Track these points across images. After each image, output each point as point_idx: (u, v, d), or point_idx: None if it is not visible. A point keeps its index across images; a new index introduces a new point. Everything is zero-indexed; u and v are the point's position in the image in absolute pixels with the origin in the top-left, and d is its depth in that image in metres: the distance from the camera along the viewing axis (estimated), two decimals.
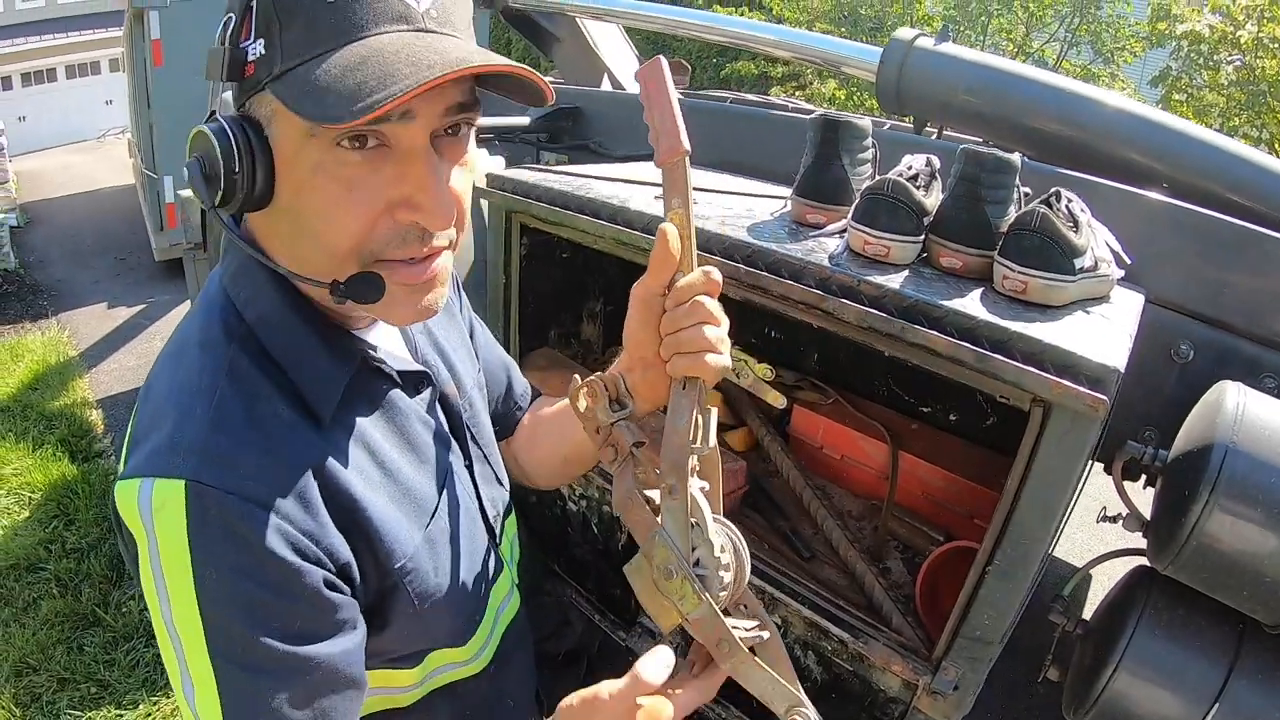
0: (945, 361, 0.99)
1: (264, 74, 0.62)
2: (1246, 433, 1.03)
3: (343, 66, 0.59)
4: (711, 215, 1.31)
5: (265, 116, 0.65)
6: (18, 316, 5.53)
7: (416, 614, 0.78)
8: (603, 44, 3.01)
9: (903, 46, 1.90)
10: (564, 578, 1.65)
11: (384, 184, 0.64)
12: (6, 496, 3.22)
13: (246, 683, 0.64)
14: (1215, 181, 1.58)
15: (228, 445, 0.64)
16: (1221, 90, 8.28)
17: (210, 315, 0.72)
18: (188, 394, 0.67)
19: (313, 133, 0.62)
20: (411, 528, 0.77)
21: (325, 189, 0.63)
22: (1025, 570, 0.99)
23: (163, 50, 5.00)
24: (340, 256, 0.66)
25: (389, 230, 0.66)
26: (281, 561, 0.63)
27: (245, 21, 0.63)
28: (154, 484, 0.63)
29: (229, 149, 0.63)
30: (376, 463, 0.76)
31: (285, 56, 0.61)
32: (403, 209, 0.65)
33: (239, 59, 0.63)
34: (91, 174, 10.69)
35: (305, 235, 0.66)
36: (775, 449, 1.61)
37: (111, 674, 2.37)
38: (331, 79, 0.58)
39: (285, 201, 0.66)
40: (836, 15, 10.32)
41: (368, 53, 0.59)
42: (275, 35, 0.61)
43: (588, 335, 1.96)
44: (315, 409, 0.71)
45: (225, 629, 0.63)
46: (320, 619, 0.67)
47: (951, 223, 1.12)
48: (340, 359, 0.74)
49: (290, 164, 0.64)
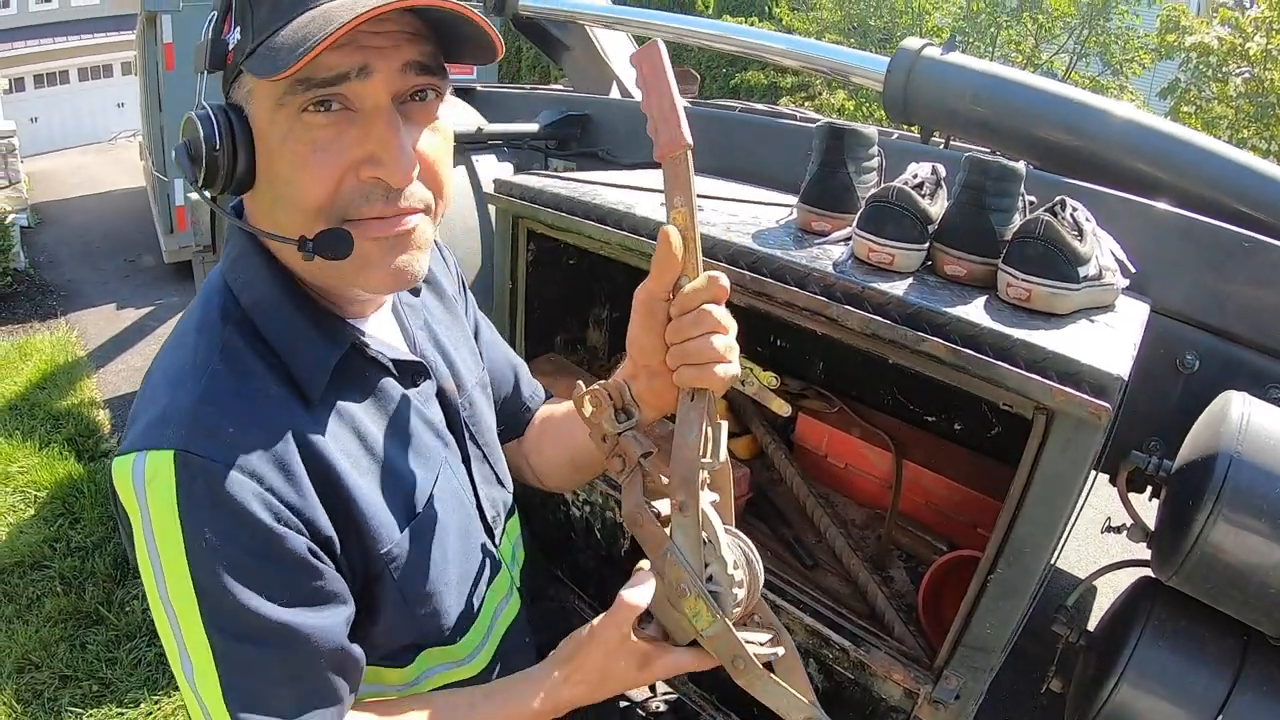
0: (948, 369, 0.99)
1: (240, 57, 0.67)
2: (1251, 443, 1.03)
3: (295, 26, 0.63)
4: (717, 222, 1.32)
5: (244, 98, 0.69)
6: (27, 316, 5.56)
7: (405, 606, 0.79)
8: (612, 53, 3.00)
9: (910, 56, 1.90)
10: (567, 583, 1.65)
11: (348, 144, 0.67)
12: (12, 494, 3.23)
13: (242, 653, 0.65)
14: (1221, 191, 1.58)
15: (215, 416, 0.66)
16: (1230, 102, 8.27)
17: (209, 301, 0.75)
18: (182, 372, 0.70)
19: (280, 102, 0.66)
20: (398, 515, 0.78)
21: (294, 152, 0.67)
22: (1027, 580, 0.99)
23: (175, 54, 5.03)
24: (310, 214, 0.68)
25: (354, 188, 0.69)
26: (264, 526, 0.65)
27: (226, 16, 0.68)
28: (146, 456, 0.65)
29: (210, 131, 0.67)
30: (365, 447, 0.77)
31: (255, 35, 0.65)
32: (366, 166, 0.68)
33: (220, 50, 0.69)
34: (102, 176, 10.75)
35: (280, 201, 0.70)
36: (779, 457, 1.61)
37: (113, 672, 2.37)
38: (283, 40, 0.62)
39: (263, 174, 0.69)
40: (846, 26, 10.34)
41: (318, 13, 0.63)
42: (248, 20, 0.66)
43: (594, 341, 1.96)
44: (304, 389, 0.73)
45: (217, 597, 0.64)
46: (309, 588, 0.68)
47: (956, 230, 1.12)
48: (330, 341, 0.76)
49: (264, 137, 0.68)
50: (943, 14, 10.33)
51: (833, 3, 10.45)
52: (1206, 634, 1.14)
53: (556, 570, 1.67)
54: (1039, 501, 0.95)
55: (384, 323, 0.86)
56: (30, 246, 7.02)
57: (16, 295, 5.87)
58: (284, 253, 0.74)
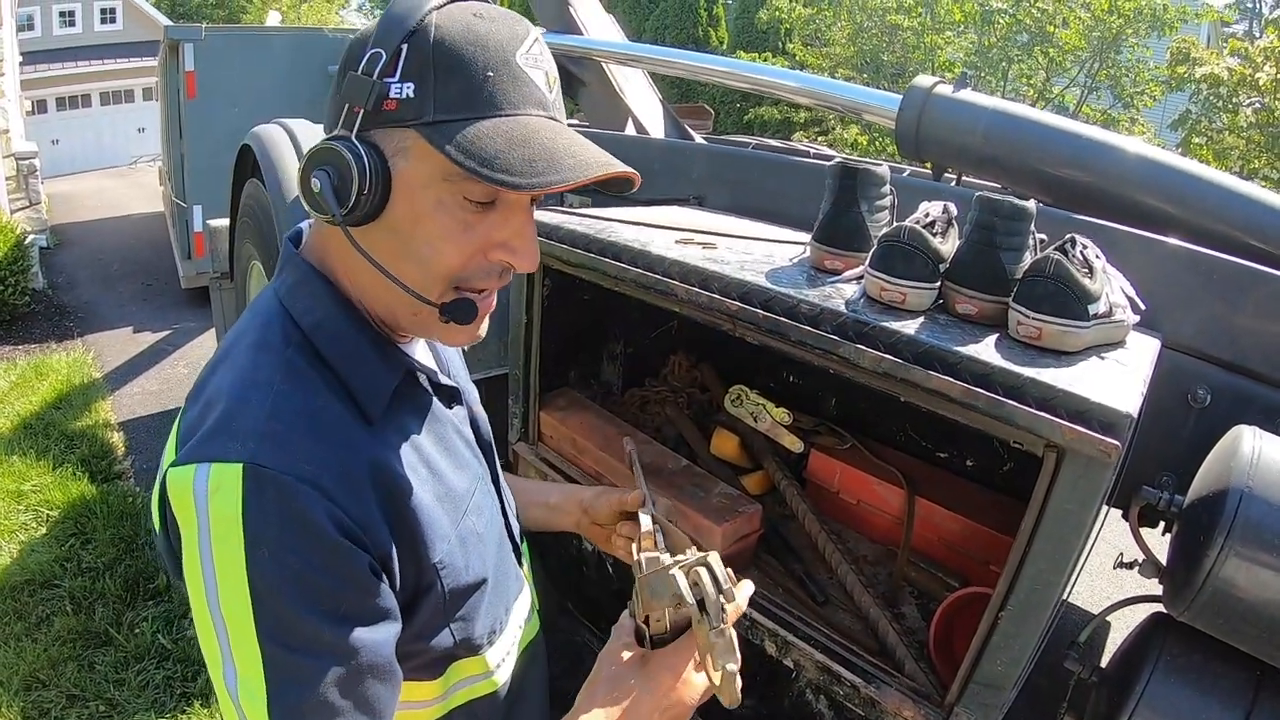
0: (959, 407, 1.00)
1: (409, 114, 0.68)
2: (1262, 477, 1.03)
3: (506, 138, 0.67)
4: (731, 260, 1.33)
5: (394, 148, 0.71)
6: (44, 336, 5.63)
7: (447, 615, 0.82)
8: (628, 89, 3.04)
9: (922, 94, 1.93)
10: (577, 617, 1.65)
11: (490, 228, 0.73)
12: (25, 513, 3.25)
13: (293, 665, 0.66)
14: (1230, 225, 1.59)
15: (284, 431, 0.68)
16: (1241, 133, 8.28)
17: (268, 323, 0.77)
18: (245, 387, 0.72)
19: (448, 178, 0.70)
20: (449, 523, 0.81)
21: (444, 224, 0.72)
22: (1039, 616, 0.99)
23: (196, 82, 5.12)
24: (439, 279, 0.74)
25: (480, 266, 0.75)
26: (334, 542, 0.67)
27: (394, 61, 0.69)
28: (210, 468, 0.66)
29: (364, 169, 0.69)
30: (422, 460, 0.81)
31: (439, 109, 0.68)
32: (498, 250, 0.75)
33: (382, 93, 0.69)
34: (122, 199, 10.91)
35: (409, 255, 0.74)
36: (791, 493, 1.61)
37: (121, 693, 2.38)
38: (498, 148, 0.67)
39: (398, 224, 0.73)
40: (859, 61, 10.44)
41: (527, 133, 0.69)
42: (429, 86, 0.68)
43: (608, 376, 1.97)
44: (366, 409, 0.76)
45: (275, 609, 0.65)
46: (365, 604, 0.70)
47: (967, 269, 1.13)
48: (390, 365, 0.80)
49: (414, 195, 0.71)
50: (955, 48, 10.42)
51: (845, 39, 10.56)
52: (1219, 669, 1.14)
53: (568, 604, 1.68)
54: (1049, 539, 0.96)
55: (423, 350, 0.91)
56: (49, 267, 7.12)
57: (34, 315, 5.95)
58: (361, 281, 0.78)
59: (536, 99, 0.71)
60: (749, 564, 1.47)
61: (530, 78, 0.70)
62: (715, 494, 1.46)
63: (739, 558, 1.43)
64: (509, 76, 0.69)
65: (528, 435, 1.73)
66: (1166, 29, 9.42)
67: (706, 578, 0.80)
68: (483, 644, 0.89)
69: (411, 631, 0.78)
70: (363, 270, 0.76)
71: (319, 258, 0.80)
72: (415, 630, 0.79)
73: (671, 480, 1.49)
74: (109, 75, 15.94)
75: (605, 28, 3.16)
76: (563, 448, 1.67)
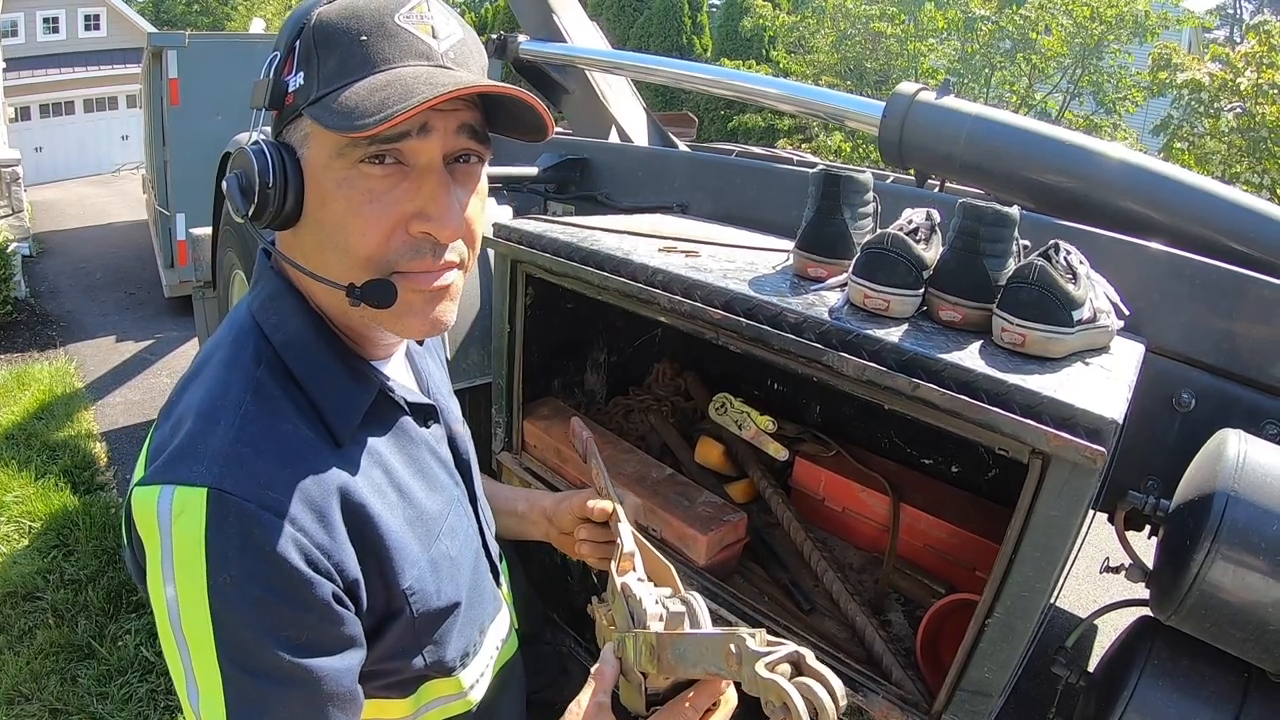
0: (944, 414, 0.99)
1: (301, 101, 0.69)
2: (1248, 481, 1.03)
3: (369, 88, 0.66)
4: (713, 268, 1.33)
5: (299, 139, 0.71)
6: (26, 345, 5.58)
7: (417, 638, 0.81)
8: (612, 96, 3.04)
9: (905, 101, 1.93)
10: (563, 627, 1.64)
11: (401, 197, 0.71)
12: (6, 524, 3.22)
13: (253, 689, 0.66)
14: (1213, 229, 1.60)
15: (250, 456, 0.67)
16: (1223, 137, 8.37)
17: (239, 339, 0.76)
18: (213, 408, 0.70)
19: (340, 151, 0.69)
20: (419, 549, 0.80)
21: (349, 199, 0.70)
22: (1025, 622, 0.99)
23: (179, 90, 5.10)
24: (359, 261, 0.71)
25: (404, 243, 0.72)
26: (295, 571, 0.66)
27: (288, 58, 0.71)
28: (174, 491, 0.65)
29: (265, 166, 0.69)
30: (392, 484, 0.79)
31: (321, 84, 0.68)
32: (416, 220, 0.72)
33: (280, 89, 0.71)
34: (105, 207, 10.84)
35: (328, 244, 0.72)
36: (777, 501, 1.61)
37: (104, 707, 2.35)
38: (359, 99, 0.65)
39: (311, 215, 0.72)
40: (842, 68, 10.49)
41: (392, 78, 0.67)
42: (314, 67, 0.69)
43: (592, 385, 1.96)
44: (334, 430, 0.75)
45: (236, 634, 0.65)
46: (328, 632, 0.69)
47: (950, 276, 1.13)
48: (361, 384, 0.78)
49: (318, 180, 0.70)
50: (938, 55, 10.49)
51: (829, 46, 10.62)
52: (1207, 672, 1.14)
53: (553, 614, 1.67)
54: (1035, 545, 0.96)
55: (400, 367, 0.89)
56: (31, 276, 7.05)
57: (16, 324, 5.90)
58: (319, 294, 0.77)
59: (419, 50, 0.69)
60: (734, 572, 1.46)
61: (411, 31, 0.69)
62: (700, 502, 1.45)
63: (724, 566, 1.42)
64: (383, 36, 0.68)
65: (511, 445, 1.72)
66: (1148, 35, 9.52)
67: (823, 693, 0.62)
68: (455, 666, 0.87)
69: (380, 653, 0.77)
70: (304, 277, 0.76)
71: (286, 267, 0.79)
72: (384, 652, 0.78)
73: (656, 488, 1.48)
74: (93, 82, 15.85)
75: (589, 35, 3.15)
76: (547, 457, 1.66)
